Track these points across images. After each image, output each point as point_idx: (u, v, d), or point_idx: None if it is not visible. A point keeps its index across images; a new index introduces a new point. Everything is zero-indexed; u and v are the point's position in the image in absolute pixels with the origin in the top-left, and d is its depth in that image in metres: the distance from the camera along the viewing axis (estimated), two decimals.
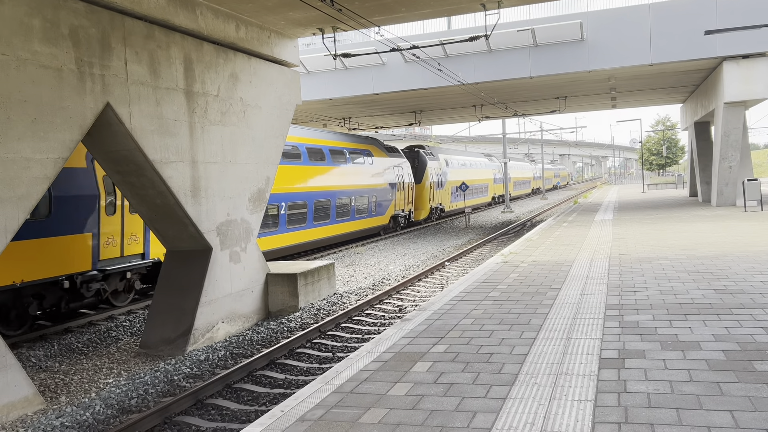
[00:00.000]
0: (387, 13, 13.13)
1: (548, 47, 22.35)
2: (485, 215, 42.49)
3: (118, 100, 9.56)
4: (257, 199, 13.23)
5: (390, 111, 31.94)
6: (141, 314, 13.84)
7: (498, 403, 4.96)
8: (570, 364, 5.83)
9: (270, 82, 13.63)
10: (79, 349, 11.37)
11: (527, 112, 35.35)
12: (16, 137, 8.03)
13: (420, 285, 16.18)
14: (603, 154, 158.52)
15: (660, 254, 12.70)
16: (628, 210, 26.84)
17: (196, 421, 7.78)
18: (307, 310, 13.40)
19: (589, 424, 4.44)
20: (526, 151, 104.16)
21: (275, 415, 5.00)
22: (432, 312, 8.45)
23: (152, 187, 10.68)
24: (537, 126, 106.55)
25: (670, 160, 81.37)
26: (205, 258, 11.65)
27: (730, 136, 23.35)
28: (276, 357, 10.20)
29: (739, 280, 9.38)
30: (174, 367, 9.86)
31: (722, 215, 21.00)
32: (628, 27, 21.52)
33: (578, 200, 40.72)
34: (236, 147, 12.48)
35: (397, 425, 4.64)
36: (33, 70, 8.24)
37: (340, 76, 25.09)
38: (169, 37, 10.73)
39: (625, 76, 24.37)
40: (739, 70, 21.76)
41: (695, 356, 5.83)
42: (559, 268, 11.63)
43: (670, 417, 4.48)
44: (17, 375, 8.08)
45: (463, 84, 23.13)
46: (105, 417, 8.00)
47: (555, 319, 7.61)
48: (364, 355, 6.53)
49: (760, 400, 4.69)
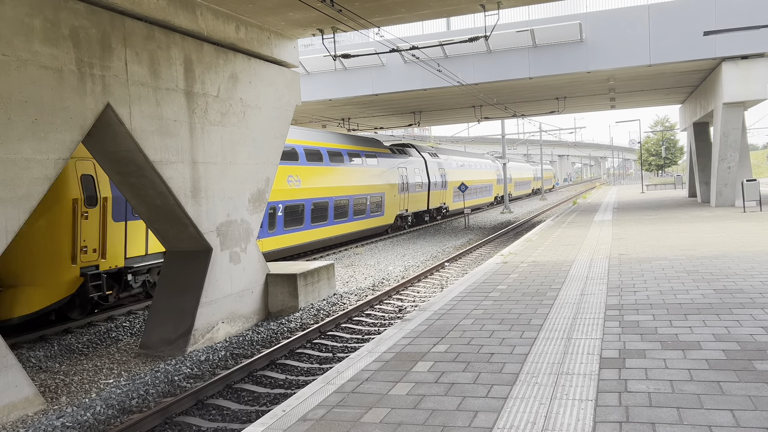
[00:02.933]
0: (387, 14, 13.15)
1: (547, 48, 22.38)
2: (484, 216, 42.52)
3: (118, 100, 9.57)
4: (257, 199, 13.24)
5: (389, 112, 31.96)
6: (141, 315, 13.84)
7: (499, 402, 4.97)
8: (571, 363, 5.84)
9: (270, 82, 13.64)
10: (79, 349, 11.37)
11: (526, 112, 35.38)
12: (17, 138, 8.04)
13: (420, 285, 16.19)
14: (602, 154, 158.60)
15: (659, 254, 12.72)
16: (628, 210, 26.87)
17: (197, 421, 7.78)
18: (307, 311, 13.40)
19: (590, 423, 4.45)
20: (525, 151, 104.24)
21: (277, 414, 5.01)
22: (432, 312, 8.46)
23: (152, 187, 10.69)
24: (536, 127, 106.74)
25: (669, 161, 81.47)
26: (205, 258, 11.65)
27: (729, 136, 23.39)
28: (276, 357, 10.20)
29: (738, 280, 9.40)
30: (174, 368, 9.86)
31: (721, 215, 21.03)
32: (627, 28, 21.56)
33: (577, 201, 40.75)
34: (236, 147, 12.49)
35: (399, 425, 4.65)
36: (34, 70, 8.25)
37: (339, 76, 25.11)
38: (169, 37, 10.74)
39: (624, 77, 24.41)
40: (738, 71, 21.79)
41: (695, 356, 5.85)
42: (559, 269, 11.64)
43: (671, 416, 4.49)
44: (18, 375, 8.09)
45: (463, 85, 23.15)
46: (106, 417, 8.00)
47: (555, 319, 7.63)
48: (365, 355, 6.54)
49: (760, 399, 4.70)
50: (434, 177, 35.77)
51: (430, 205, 35.21)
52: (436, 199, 36.37)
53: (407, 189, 31.17)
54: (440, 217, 37.97)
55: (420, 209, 33.81)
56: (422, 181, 33.53)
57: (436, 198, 36.22)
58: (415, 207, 32.70)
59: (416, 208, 32.99)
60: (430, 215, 36.37)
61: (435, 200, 36.15)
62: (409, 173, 31.53)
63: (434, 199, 36.00)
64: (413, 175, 32.16)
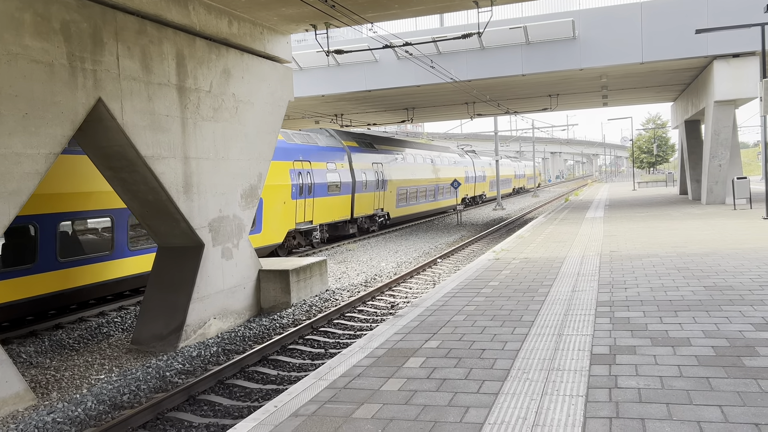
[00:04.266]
0: (380, 10, 13.13)
1: (540, 45, 22.42)
2: (477, 213, 42.59)
3: (110, 95, 9.52)
4: (249, 195, 13.21)
5: (382, 108, 31.94)
6: (132, 310, 13.80)
7: (490, 398, 5.00)
8: (561, 359, 5.87)
9: (262, 78, 13.60)
10: (70, 345, 11.33)
11: (519, 109, 35.46)
12: (7, 132, 7.98)
13: (412, 282, 16.21)
14: (594, 152, 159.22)
15: (650, 251, 12.79)
16: (619, 207, 26.99)
17: (189, 416, 7.77)
18: (299, 307, 13.40)
19: (581, 418, 4.48)
20: (517, 148, 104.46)
21: (269, 410, 5.01)
22: (424, 308, 8.48)
23: (144, 183, 10.64)
24: (528, 124, 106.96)
25: (660, 158, 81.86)
26: (197, 254, 11.63)
27: (720, 134, 23.52)
28: (268, 353, 10.20)
29: (728, 277, 9.47)
30: (166, 363, 9.85)
31: (712, 213, 21.16)
32: (619, 25, 21.63)
33: (569, 198, 40.90)
34: (228, 143, 12.46)
35: (391, 420, 4.66)
36: (24, 64, 8.19)
37: (332, 72, 25.06)
38: (161, 32, 10.68)
39: (617, 75, 24.49)
40: (730, 69, 21.91)
41: (685, 352, 5.89)
42: (550, 265, 11.69)
43: (660, 412, 4.52)
44: (8, 371, 8.05)
45: (456, 81, 23.16)
46: (97, 413, 7.98)
47: (546, 316, 7.66)
48: (357, 351, 6.55)
49: (748, 395, 4.74)
50: (363, 175, 27.42)
51: (355, 212, 26.75)
52: (366, 204, 27.91)
53: (310, 192, 22.64)
54: (375, 228, 29.45)
55: (339, 218, 25.42)
56: (339, 180, 25.12)
57: (364, 203, 27.62)
58: (326, 216, 24.18)
59: (329, 217, 24.41)
60: (357, 226, 27.52)
61: (364, 206, 27.68)
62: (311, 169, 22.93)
63: (363, 205, 27.61)
64: (320, 173, 23.60)
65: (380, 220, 29.92)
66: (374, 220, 29.30)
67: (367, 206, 28.00)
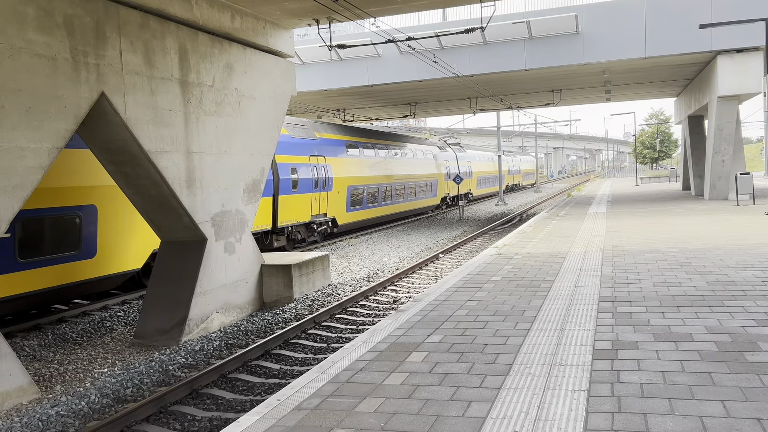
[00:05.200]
0: (383, 4, 13.11)
1: (543, 40, 22.36)
2: (479, 208, 42.57)
3: (112, 89, 9.52)
4: (252, 190, 13.22)
5: (385, 103, 31.90)
6: (135, 304, 13.83)
7: (492, 392, 5.01)
8: (564, 354, 5.88)
9: (265, 72, 13.59)
10: (73, 338, 11.37)
11: (522, 104, 35.36)
12: (11, 126, 7.99)
13: (414, 277, 16.22)
14: (597, 147, 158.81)
15: (653, 247, 12.78)
16: (622, 203, 26.95)
17: (192, 410, 7.80)
18: (301, 301, 13.43)
19: (583, 413, 4.49)
20: (520, 143, 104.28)
21: (272, 404, 5.03)
22: (427, 303, 8.49)
23: (147, 177, 10.65)
24: (531, 119, 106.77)
25: (663, 154, 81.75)
26: (199, 249, 11.65)
27: (724, 129, 23.46)
28: (271, 347, 10.23)
29: (731, 273, 9.46)
30: (169, 357, 9.88)
31: (715, 209, 21.13)
32: (623, 20, 21.55)
33: (572, 193, 40.86)
34: (231, 138, 12.46)
35: (393, 414, 4.68)
36: (27, 58, 8.19)
37: (335, 67, 25.03)
38: (164, 26, 10.67)
39: (620, 70, 24.42)
40: (733, 64, 21.83)
41: (687, 347, 5.90)
42: (552, 261, 11.69)
43: (662, 406, 4.53)
44: (12, 364, 8.08)
45: (458, 76, 23.11)
46: (100, 406, 8.02)
47: (549, 311, 7.67)
48: (359, 346, 6.57)
49: (751, 390, 4.75)
50: (293, 172, 21.30)
51: (281, 219, 20.45)
52: (298, 209, 21.59)
53: None
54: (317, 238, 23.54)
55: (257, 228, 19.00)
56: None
57: (294, 207, 21.31)
58: None
59: None
60: (287, 236, 21.25)
61: (294, 211, 21.36)
62: None
63: (292, 210, 21.23)
64: None
65: (321, 228, 23.46)
66: (312, 228, 22.84)
67: (299, 212, 21.61)
